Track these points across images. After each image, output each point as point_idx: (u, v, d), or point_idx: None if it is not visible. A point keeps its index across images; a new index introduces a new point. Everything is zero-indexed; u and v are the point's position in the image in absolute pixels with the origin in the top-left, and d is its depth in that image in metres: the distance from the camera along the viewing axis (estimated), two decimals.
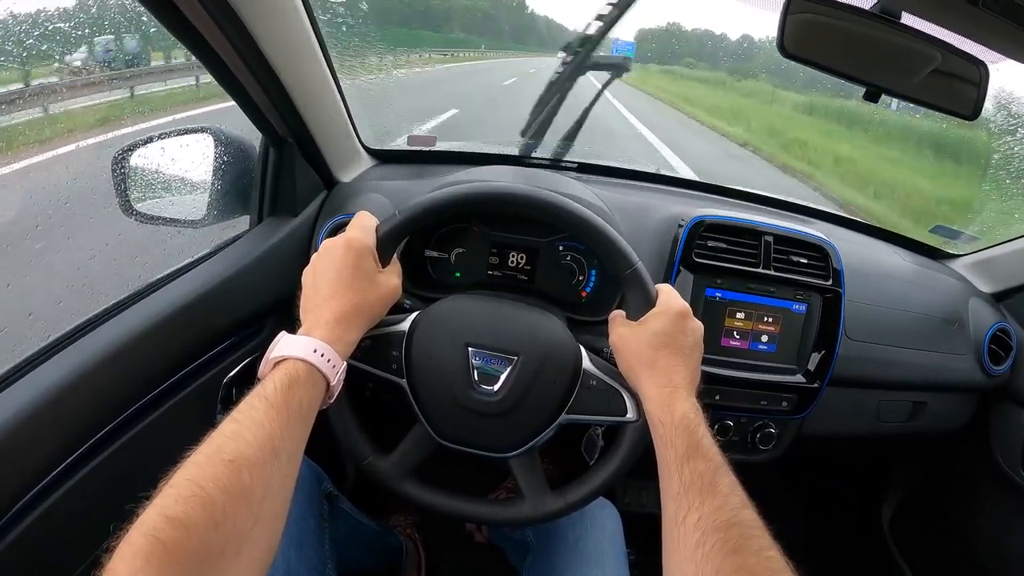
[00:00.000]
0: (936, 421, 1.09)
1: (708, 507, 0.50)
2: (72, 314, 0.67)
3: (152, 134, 0.82)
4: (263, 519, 0.45)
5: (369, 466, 0.68)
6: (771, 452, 0.97)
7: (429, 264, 0.93)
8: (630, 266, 0.65)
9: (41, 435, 0.56)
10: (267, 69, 0.73)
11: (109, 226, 0.84)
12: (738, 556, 0.47)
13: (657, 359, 0.61)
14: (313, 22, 0.79)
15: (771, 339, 0.93)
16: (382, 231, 0.64)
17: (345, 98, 0.94)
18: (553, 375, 0.65)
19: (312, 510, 0.75)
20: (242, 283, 0.81)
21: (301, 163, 0.91)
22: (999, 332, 1.07)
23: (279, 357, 0.53)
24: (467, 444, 0.67)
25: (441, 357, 0.65)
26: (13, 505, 0.54)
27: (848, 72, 0.72)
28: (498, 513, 0.70)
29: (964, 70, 0.72)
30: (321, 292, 0.60)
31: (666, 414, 0.57)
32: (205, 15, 0.63)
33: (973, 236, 1.24)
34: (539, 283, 0.92)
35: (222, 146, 0.87)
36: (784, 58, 0.68)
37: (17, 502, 0.55)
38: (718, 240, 0.92)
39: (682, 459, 0.54)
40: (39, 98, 1.12)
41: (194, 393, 0.76)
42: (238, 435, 0.46)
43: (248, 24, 0.66)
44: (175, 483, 0.42)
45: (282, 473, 0.48)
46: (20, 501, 0.55)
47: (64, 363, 0.60)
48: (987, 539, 1.17)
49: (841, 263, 0.93)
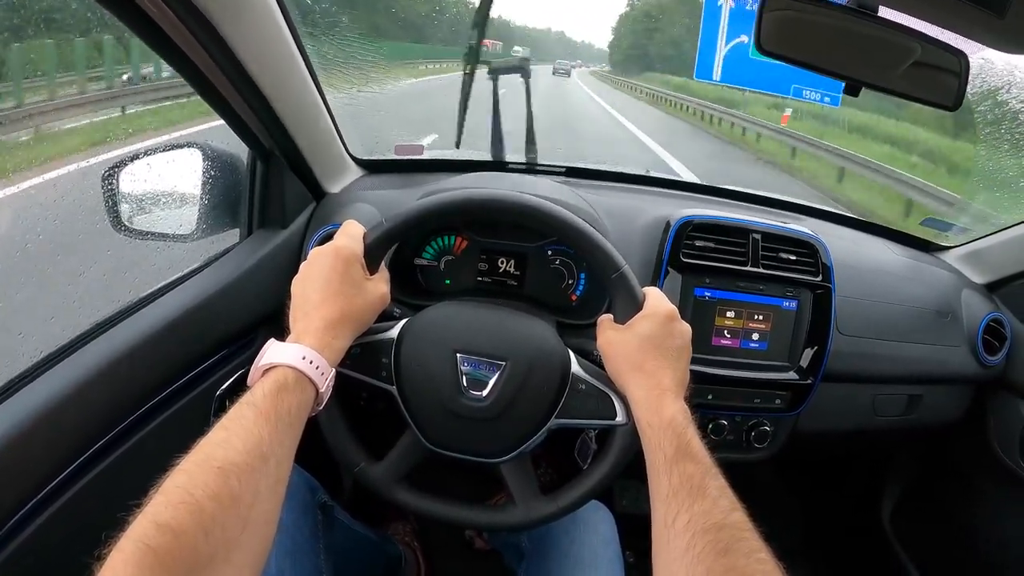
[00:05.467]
0: (932, 414, 1.09)
1: (698, 509, 0.50)
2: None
3: (139, 151, 0.83)
4: (253, 525, 0.45)
5: (361, 473, 0.68)
6: (767, 450, 0.97)
7: (419, 272, 0.93)
8: (616, 269, 0.65)
9: (35, 450, 0.57)
10: (248, 82, 0.73)
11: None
12: (728, 557, 0.46)
13: (645, 362, 0.61)
14: (295, 34, 0.79)
15: (762, 337, 0.93)
16: (370, 239, 0.65)
17: (331, 109, 0.95)
18: (541, 380, 0.65)
19: (306, 520, 0.75)
20: (233, 296, 0.82)
21: (289, 175, 0.91)
22: (992, 322, 1.07)
23: (268, 364, 0.54)
24: (457, 450, 0.67)
25: (430, 364, 0.66)
26: (8, 521, 0.54)
27: (827, 67, 0.72)
28: (490, 518, 0.70)
29: (944, 61, 0.72)
30: (310, 299, 0.60)
31: (654, 417, 0.57)
32: (184, 31, 0.63)
33: (964, 227, 1.24)
34: (529, 288, 0.92)
35: (210, 160, 0.88)
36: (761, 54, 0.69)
37: (11, 517, 0.55)
38: (706, 240, 0.92)
39: (671, 462, 0.54)
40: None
41: (186, 406, 0.76)
42: (227, 442, 0.46)
43: (228, 38, 0.66)
44: (165, 490, 0.43)
45: (271, 479, 0.48)
46: (14, 517, 0.55)
47: (57, 378, 0.61)
48: (988, 529, 1.16)
49: (830, 258, 0.93)
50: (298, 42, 0.81)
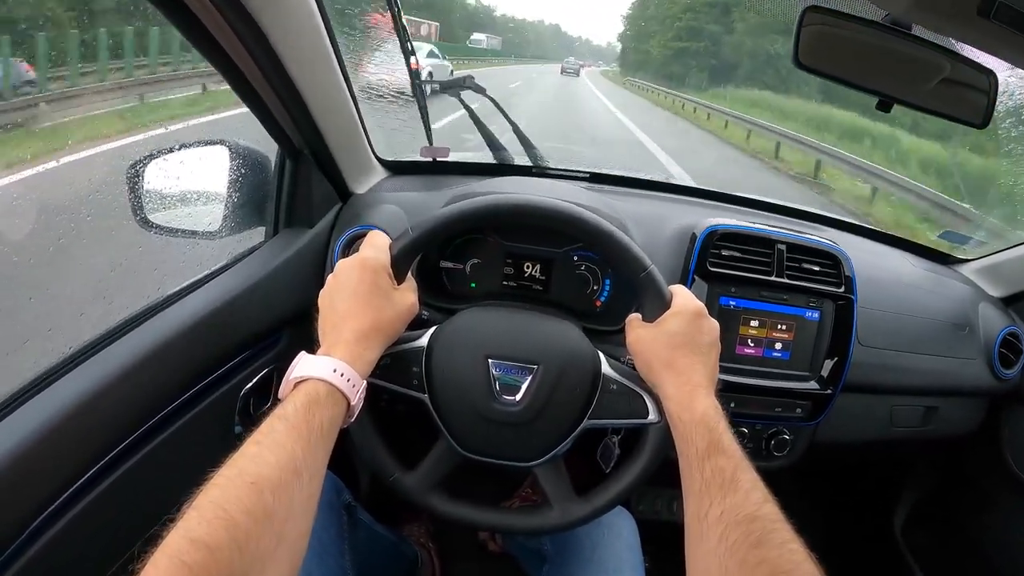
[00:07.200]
0: (947, 426, 1.09)
1: (730, 502, 0.50)
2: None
3: (166, 146, 0.83)
4: (287, 540, 0.45)
5: (396, 483, 0.68)
6: (785, 459, 0.97)
7: (444, 275, 0.93)
8: (644, 268, 0.65)
9: (63, 447, 0.56)
10: (286, 80, 0.73)
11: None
12: (761, 549, 0.47)
13: (675, 359, 0.61)
14: (331, 34, 0.80)
15: (785, 346, 0.93)
16: (396, 249, 0.65)
17: (360, 110, 0.95)
18: (574, 382, 0.65)
19: (333, 520, 0.76)
20: (259, 295, 0.82)
21: (316, 174, 0.91)
22: (1009, 336, 1.07)
23: (299, 378, 0.54)
24: (492, 455, 0.67)
25: (461, 370, 0.66)
26: (35, 519, 0.54)
27: (860, 83, 0.73)
28: (527, 522, 0.70)
29: (973, 79, 0.73)
30: (338, 312, 0.60)
31: (686, 412, 0.58)
32: (225, 25, 0.63)
33: (981, 240, 1.24)
34: (554, 293, 0.92)
35: (238, 159, 0.88)
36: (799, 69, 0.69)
37: (39, 515, 0.55)
38: (732, 249, 0.92)
39: (703, 456, 0.54)
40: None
41: (212, 405, 0.76)
42: (260, 457, 0.46)
43: (268, 34, 0.66)
44: (198, 505, 0.42)
45: (304, 494, 0.48)
46: (41, 515, 0.55)
47: (84, 376, 0.61)
48: (998, 540, 1.17)
49: (853, 270, 0.94)
50: (332, 40, 0.81)
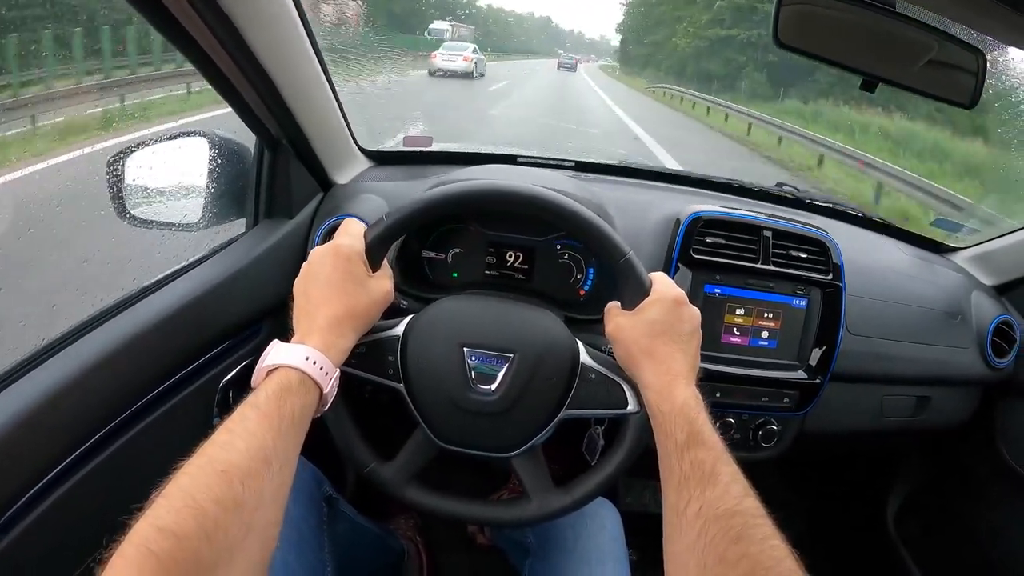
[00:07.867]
0: (940, 415, 1.08)
1: (709, 496, 0.49)
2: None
3: (145, 139, 0.82)
4: (256, 529, 0.44)
5: (371, 474, 0.67)
6: (773, 449, 0.96)
7: (426, 265, 0.92)
8: (623, 255, 0.64)
9: (37, 438, 0.56)
10: (259, 70, 0.72)
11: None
12: (741, 544, 0.46)
13: (655, 347, 0.60)
14: (306, 24, 0.79)
15: (771, 335, 0.92)
16: (370, 236, 0.64)
17: (340, 99, 0.94)
18: (551, 371, 0.64)
19: (312, 512, 0.75)
20: (239, 286, 0.81)
21: (296, 165, 0.90)
22: (1002, 324, 1.06)
23: (271, 366, 0.53)
24: (468, 446, 0.66)
25: (436, 360, 0.65)
26: (7, 510, 0.54)
27: (844, 62, 0.71)
28: (504, 514, 0.69)
29: (962, 58, 0.71)
30: (312, 300, 0.59)
31: (665, 403, 0.57)
32: (196, 18, 0.62)
33: (974, 228, 1.23)
34: (537, 282, 0.91)
35: (216, 149, 0.87)
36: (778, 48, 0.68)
37: (11, 507, 0.54)
38: (716, 236, 0.91)
39: (682, 448, 0.53)
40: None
41: (191, 396, 0.75)
42: (230, 445, 0.46)
43: (240, 26, 0.66)
44: (167, 494, 0.42)
45: (275, 483, 0.47)
46: (14, 506, 0.54)
47: (60, 366, 0.60)
48: (992, 531, 1.16)
49: (841, 257, 0.92)
50: (308, 30, 0.80)
